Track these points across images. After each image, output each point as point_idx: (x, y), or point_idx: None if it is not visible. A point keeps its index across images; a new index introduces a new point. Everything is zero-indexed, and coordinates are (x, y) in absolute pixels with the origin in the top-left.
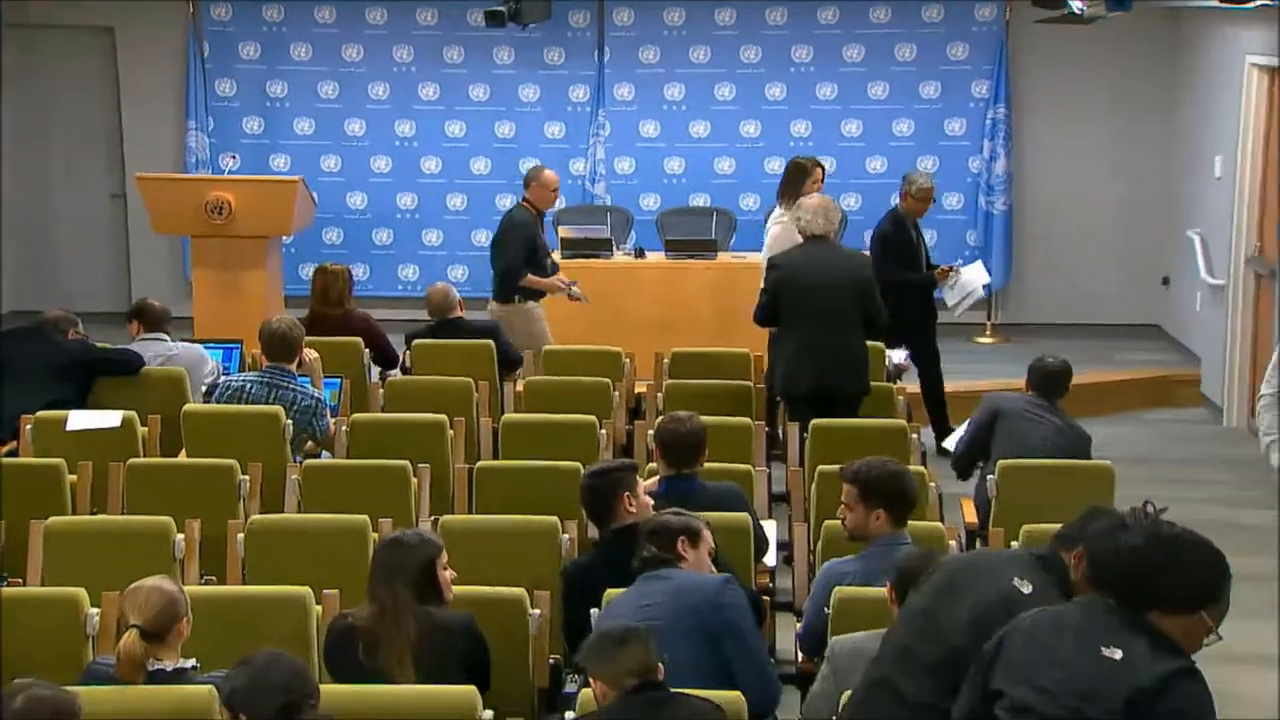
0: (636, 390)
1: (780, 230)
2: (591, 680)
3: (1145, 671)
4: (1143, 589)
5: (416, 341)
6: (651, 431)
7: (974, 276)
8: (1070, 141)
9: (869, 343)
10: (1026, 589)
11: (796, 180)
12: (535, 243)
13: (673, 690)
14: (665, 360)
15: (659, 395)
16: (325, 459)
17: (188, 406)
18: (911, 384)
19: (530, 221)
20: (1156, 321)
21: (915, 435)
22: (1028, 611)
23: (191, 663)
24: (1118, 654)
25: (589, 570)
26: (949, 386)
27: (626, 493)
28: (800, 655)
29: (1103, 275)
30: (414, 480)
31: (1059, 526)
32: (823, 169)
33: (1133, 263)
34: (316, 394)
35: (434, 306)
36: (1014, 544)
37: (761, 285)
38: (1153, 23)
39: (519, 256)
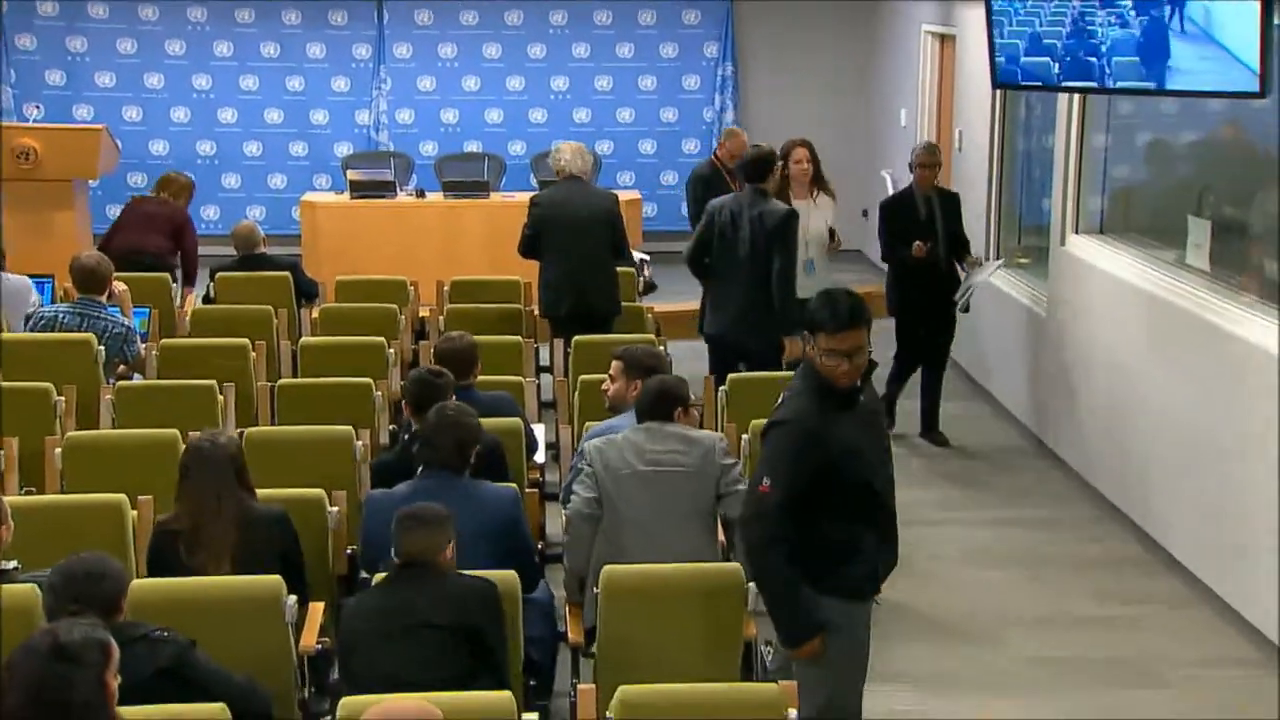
0: (421, 314)
1: None
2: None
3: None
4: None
5: (220, 274)
6: (433, 350)
7: (989, 272)
8: (786, 95)
9: (619, 268)
10: None
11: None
12: (707, 186)
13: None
14: (445, 287)
15: (440, 318)
16: (137, 381)
17: (4, 335)
18: (661, 303)
19: (703, 173)
20: (859, 247)
21: (662, 347)
22: None
23: (13, 564)
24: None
25: (399, 463)
26: (686, 305)
27: (454, 395)
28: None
29: None
30: (220, 398)
31: None
32: (799, 155)
33: (839, 197)
34: (126, 322)
35: (240, 241)
36: (744, 437)
37: (525, 221)
38: None
39: (690, 198)
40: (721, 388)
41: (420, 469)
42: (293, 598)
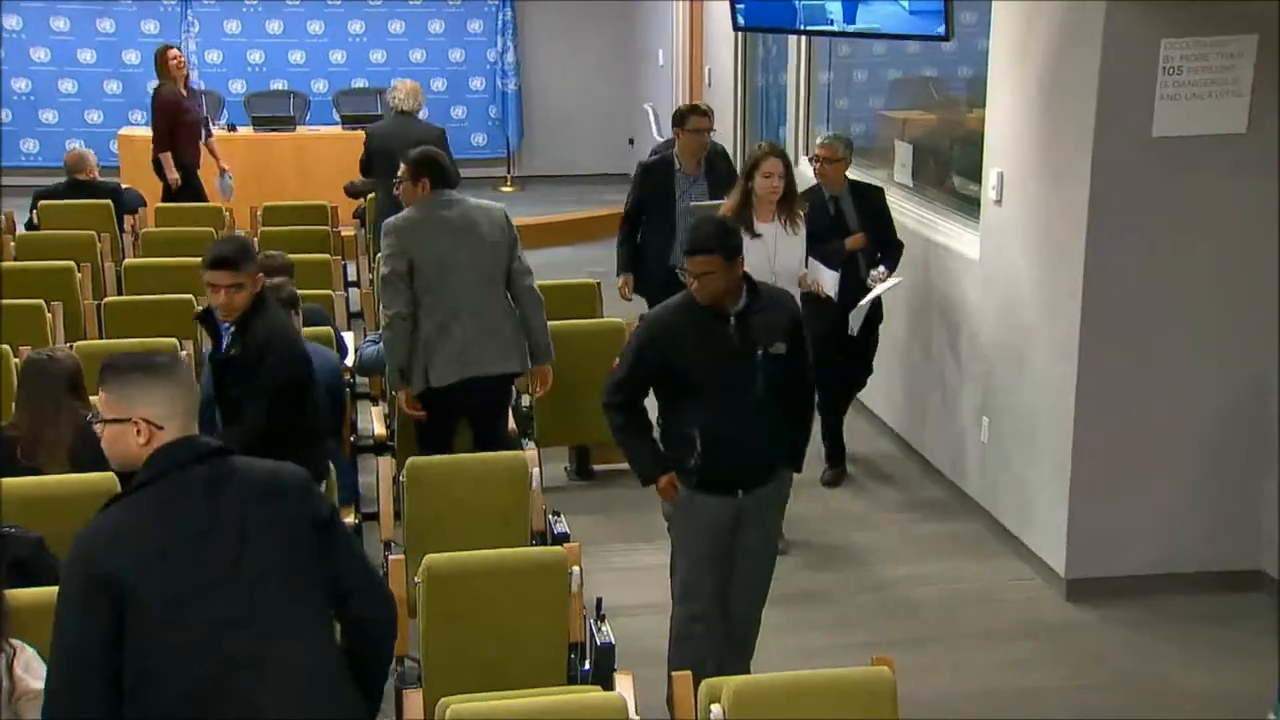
0: None
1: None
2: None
3: None
4: None
5: (43, 201)
6: None
7: (883, 288)
8: (562, 38)
9: None
10: None
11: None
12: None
13: None
14: (259, 212)
15: (255, 240)
16: None
17: None
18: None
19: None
20: (625, 171)
21: None
22: None
23: None
24: None
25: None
26: None
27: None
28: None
29: (585, 137)
30: (49, 315)
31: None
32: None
33: (608, 128)
34: None
35: (69, 166)
36: None
37: (363, 152)
38: None
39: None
40: None
41: None
42: None
